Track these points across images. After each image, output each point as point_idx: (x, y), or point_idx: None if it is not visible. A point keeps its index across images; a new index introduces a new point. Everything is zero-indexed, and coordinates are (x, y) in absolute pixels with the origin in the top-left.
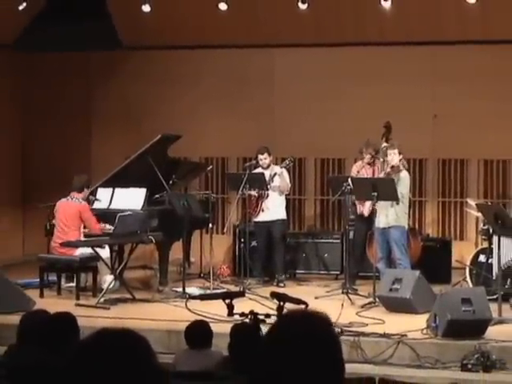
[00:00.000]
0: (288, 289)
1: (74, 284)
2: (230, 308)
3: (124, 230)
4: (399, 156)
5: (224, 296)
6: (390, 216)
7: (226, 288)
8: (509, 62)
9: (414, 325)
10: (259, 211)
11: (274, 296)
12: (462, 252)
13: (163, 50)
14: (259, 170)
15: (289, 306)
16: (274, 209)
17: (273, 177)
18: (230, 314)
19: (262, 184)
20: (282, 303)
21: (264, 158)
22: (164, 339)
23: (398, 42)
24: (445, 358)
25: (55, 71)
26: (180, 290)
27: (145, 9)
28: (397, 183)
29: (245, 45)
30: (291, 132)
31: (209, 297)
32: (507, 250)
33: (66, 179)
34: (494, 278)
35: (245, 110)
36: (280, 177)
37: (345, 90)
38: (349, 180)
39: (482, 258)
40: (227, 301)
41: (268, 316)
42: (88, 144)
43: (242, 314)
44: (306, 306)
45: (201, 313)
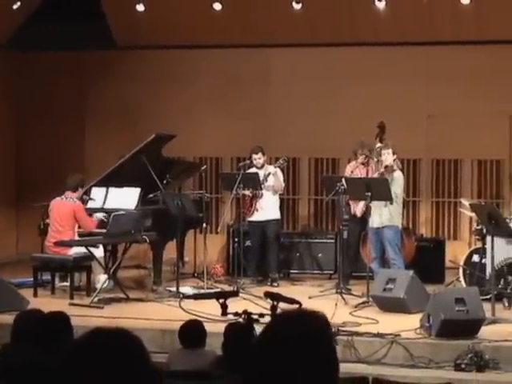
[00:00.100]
0: (282, 288)
1: (67, 283)
2: (224, 308)
3: (118, 230)
4: (393, 156)
5: (218, 296)
6: (383, 216)
7: (219, 288)
8: (503, 62)
9: (407, 324)
10: (253, 211)
11: (268, 296)
12: (456, 252)
13: (158, 49)
14: (253, 169)
15: (282, 306)
16: (267, 208)
17: (267, 176)
18: (224, 313)
19: (256, 184)
20: (275, 303)
21: (258, 158)
22: (158, 339)
23: (393, 42)
24: (438, 358)
25: (49, 70)
26: (174, 289)
27: (139, 8)
28: (391, 183)
29: (239, 45)
30: (285, 132)
31: (202, 296)
32: (500, 250)
33: (60, 178)
34: (487, 278)
35: (239, 109)
36: (274, 176)
37: (339, 90)
38: (343, 180)
39: (476, 257)
40: (221, 300)
41: (262, 316)
42: (82, 143)
43: (236, 314)
44: (299, 306)
45: (195, 312)
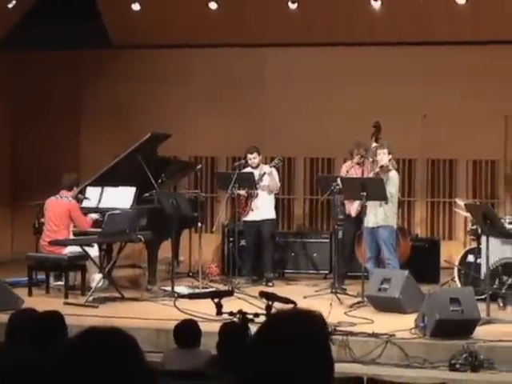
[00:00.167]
0: (277, 288)
1: (62, 283)
2: (219, 307)
3: (113, 229)
4: (389, 156)
5: (213, 295)
6: (378, 216)
7: (214, 287)
8: (498, 62)
9: (402, 324)
10: (248, 210)
11: (263, 295)
12: (451, 252)
13: (153, 48)
14: (248, 169)
15: (277, 306)
16: (263, 208)
17: (262, 176)
18: (219, 313)
19: (251, 183)
20: (270, 302)
21: (253, 158)
22: (152, 338)
23: (388, 42)
24: (433, 358)
25: (45, 70)
26: (169, 288)
27: (134, 8)
28: (386, 183)
29: (235, 44)
30: (281, 131)
31: (197, 296)
32: (495, 250)
33: (56, 178)
34: (482, 278)
35: (235, 109)
36: (269, 176)
37: (335, 90)
38: (338, 180)
39: (471, 257)
40: (216, 300)
41: (257, 315)
42: (77, 143)
43: (231, 313)
44: (294, 306)
45: (189, 312)
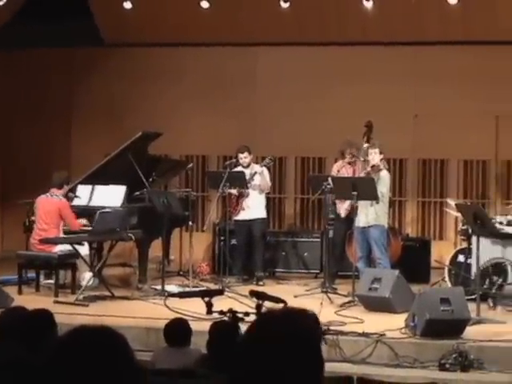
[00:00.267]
0: (267, 287)
1: (52, 281)
2: (209, 306)
3: (103, 227)
4: (380, 155)
5: (203, 294)
6: (369, 215)
7: (205, 286)
8: (490, 62)
9: (392, 324)
10: (239, 210)
11: (253, 294)
12: (441, 252)
13: (145, 47)
14: (239, 168)
15: (268, 305)
16: (254, 207)
17: (253, 175)
18: (209, 312)
19: (242, 182)
20: (260, 302)
21: (244, 157)
22: (143, 337)
23: (380, 41)
24: (423, 358)
25: (36, 69)
26: (159, 287)
27: (126, 6)
28: (377, 182)
29: (227, 43)
30: (272, 130)
31: (188, 295)
32: (486, 250)
33: (47, 176)
34: (472, 278)
35: (226, 108)
36: (260, 175)
37: (327, 89)
38: (329, 179)
39: (461, 257)
40: (206, 299)
41: (247, 314)
42: (69, 141)
43: (221, 312)
44: (284, 305)
45: (180, 311)
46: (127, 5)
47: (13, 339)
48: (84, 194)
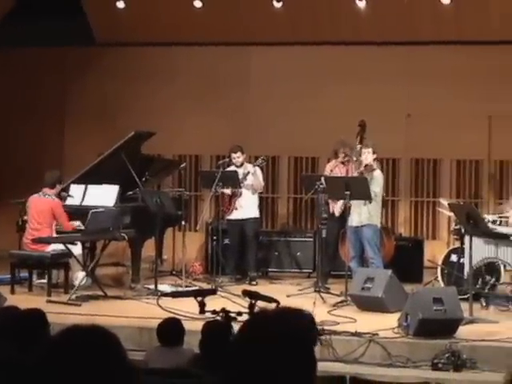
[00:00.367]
0: (260, 287)
1: (45, 280)
2: (202, 306)
3: (96, 227)
4: (373, 155)
5: (196, 293)
6: (362, 215)
7: (198, 286)
8: (483, 62)
9: (385, 324)
10: (232, 209)
11: (246, 294)
12: (434, 251)
13: (138, 46)
14: (232, 168)
15: (261, 305)
16: (246, 207)
17: (246, 175)
18: (202, 311)
19: (235, 182)
20: (253, 301)
21: (237, 157)
22: (135, 336)
23: (373, 41)
24: (416, 357)
25: (29, 68)
26: (152, 287)
27: (119, 5)
28: (370, 182)
29: (220, 42)
30: (265, 130)
31: (181, 294)
32: (478, 250)
33: (39, 175)
34: (465, 278)
35: (219, 107)
36: (253, 175)
37: (320, 89)
38: (322, 178)
39: (454, 257)
40: (199, 298)
41: (240, 314)
42: (61, 141)
43: (214, 312)
44: (277, 305)
45: (173, 310)
46: (120, 4)
47: (5, 339)
48: (77, 194)
